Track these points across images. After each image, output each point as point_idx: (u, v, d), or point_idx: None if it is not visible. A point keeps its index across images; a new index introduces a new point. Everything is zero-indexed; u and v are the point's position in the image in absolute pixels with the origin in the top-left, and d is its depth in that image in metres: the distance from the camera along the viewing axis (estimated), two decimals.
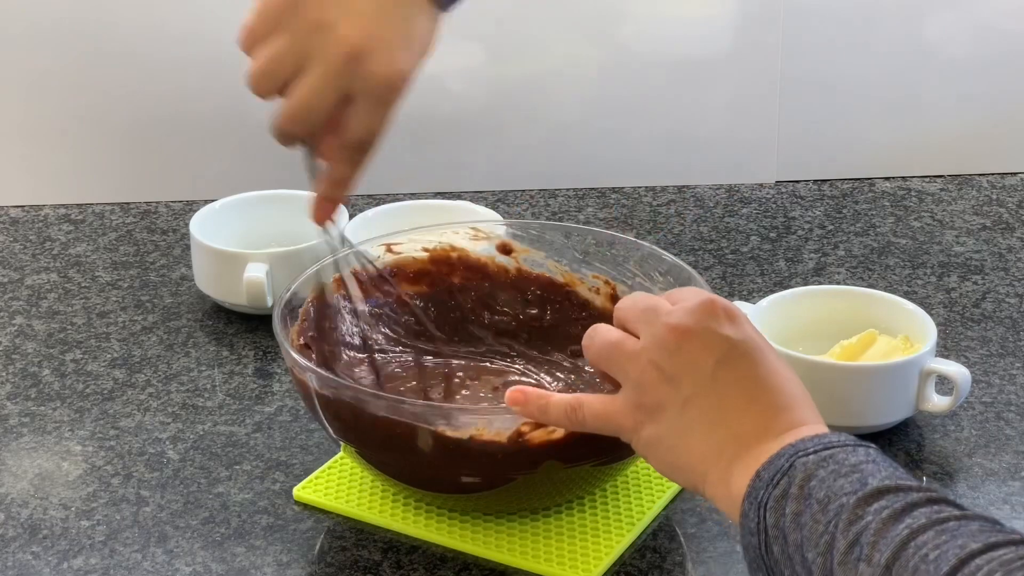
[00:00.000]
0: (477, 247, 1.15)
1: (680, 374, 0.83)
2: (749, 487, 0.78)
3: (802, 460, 0.77)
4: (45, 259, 1.40)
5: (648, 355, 0.84)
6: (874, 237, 1.43)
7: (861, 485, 0.74)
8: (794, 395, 0.82)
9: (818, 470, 0.76)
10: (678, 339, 0.83)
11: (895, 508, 0.71)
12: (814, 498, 0.74)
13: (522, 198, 1.52)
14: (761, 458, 0.79)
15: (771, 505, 0.76)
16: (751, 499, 0.78)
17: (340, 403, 0.97)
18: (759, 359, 0.83)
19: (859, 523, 0.71)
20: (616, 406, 0.86)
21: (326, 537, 1.02)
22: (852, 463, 0.76)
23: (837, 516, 0.73)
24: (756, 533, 0.77)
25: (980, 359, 1.22)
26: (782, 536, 0.75)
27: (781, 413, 0.81)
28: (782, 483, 0.76)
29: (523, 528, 1.01)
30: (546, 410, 0.89)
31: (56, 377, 1.21)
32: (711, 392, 0.82)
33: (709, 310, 0.84)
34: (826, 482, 0.75)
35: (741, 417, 0.81)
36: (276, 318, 1.02)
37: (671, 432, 0.83)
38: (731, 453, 0.81)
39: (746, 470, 0.79)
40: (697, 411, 0.82)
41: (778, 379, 0.83)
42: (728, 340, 0.83)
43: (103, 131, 1.53)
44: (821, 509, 0.74)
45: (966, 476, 1.08)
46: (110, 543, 1.01)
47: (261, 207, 1.36)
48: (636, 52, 1.54)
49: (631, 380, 0.85)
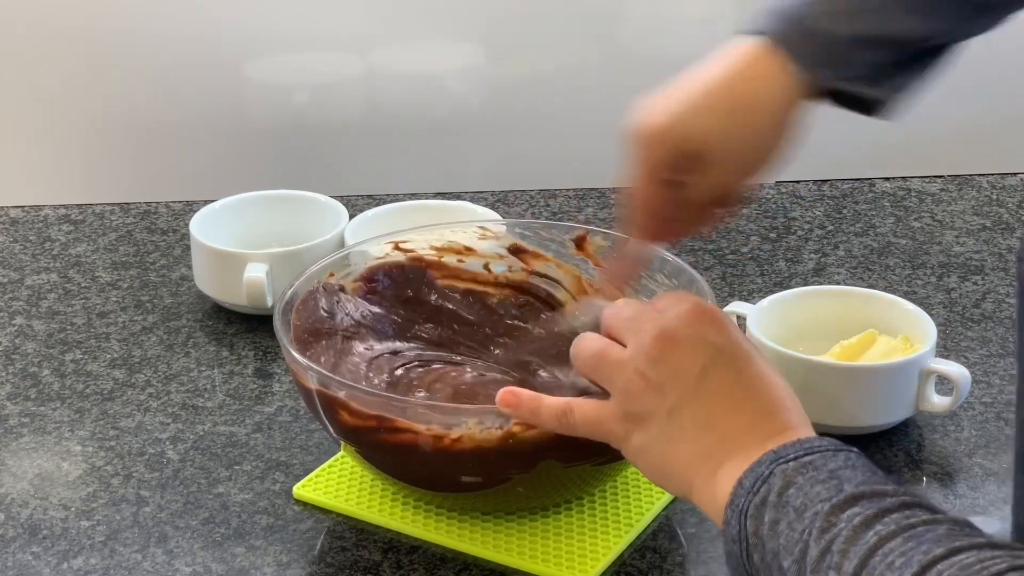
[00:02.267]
0: (484, 246, 1.16)
1: (666, 382, 0.82)
2: (731, 494, 0.78)
3: (782, 467, 0.76)
4: (45, 259, 1.40)
5: (634, 364, 0.84)
6: (874, 237, 1.43)
7: (836, 492, 0.73)
8: (780, 399, 0.82)
9: (797, 477, 0.75)
10: (663, 347, 0.83)
11: (867, 515, 0.71)
12: (791, 506, 0.74)
13: (522, 198, 1.51)
14: (744, 465, 0.78)
15: (751, 513, 0.76)
16: (733, 507, 0.77)
17: (340, 402, 0.97)
18: (745, 365, 0.83)
19: (832, 531, 0.71)
20: (606, 413, 0.85)
21: (326, 537, 1.02)
22: (830, 468, 0.75)
23: (811, 524, 0.72)
24: (738, 541, 0.77)
25: (980, 359, 1.22)
26: (761, 544, 0.75)
27: (766, 419, 0.81)
28: (762, 490, 0.76)
29: (523, 528, 1.01)
30: (537, 413, 0.89)
31: (56, 377, 1.21)
32: (697, 400, 0.82)
33: (694, 316, 0.84)
34: (803, 489, 0.75)
35: (727, 424, 0.81)
36: (277, 317, 1.02)
37: (658, 440, 0.83)
38: (717, 460, 0.80)
39: (729, 477, 0.79)
40: (683, 419, 0.82)
41: (764, 384, 0.82)
42: (713, 346, 0.83)
43: (103, 131, 1.54)
44: (797, 517, 0.74)
45: (966, 476, 1.08)
46: (110, 543, 1.01)
47: (261, 207, 1.36)
48: (636, 52, 1.54)
49: (618, 389, 0.85)
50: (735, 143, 0.87)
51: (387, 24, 1.53)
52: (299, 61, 1.54)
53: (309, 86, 1.55)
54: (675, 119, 0.88)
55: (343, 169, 1.56)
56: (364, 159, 1.56)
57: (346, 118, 1.56)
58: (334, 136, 1.56)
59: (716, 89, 0.87)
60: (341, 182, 1.50)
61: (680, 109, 0.88)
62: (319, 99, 1.55)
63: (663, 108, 0.88)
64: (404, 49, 1.55)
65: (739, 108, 0.86)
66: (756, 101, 0.86)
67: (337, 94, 1.55)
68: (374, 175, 1.55)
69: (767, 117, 0.87)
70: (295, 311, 1.06)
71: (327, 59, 1.55)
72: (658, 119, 0.88)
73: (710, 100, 0.87)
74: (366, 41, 1.54)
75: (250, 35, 1.52)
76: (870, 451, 1.09)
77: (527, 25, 1.54)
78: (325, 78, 1.55)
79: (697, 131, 0.87)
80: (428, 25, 1.54)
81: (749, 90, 0.86)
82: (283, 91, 1.55)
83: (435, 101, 1.56)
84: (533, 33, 1.54)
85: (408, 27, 1.54)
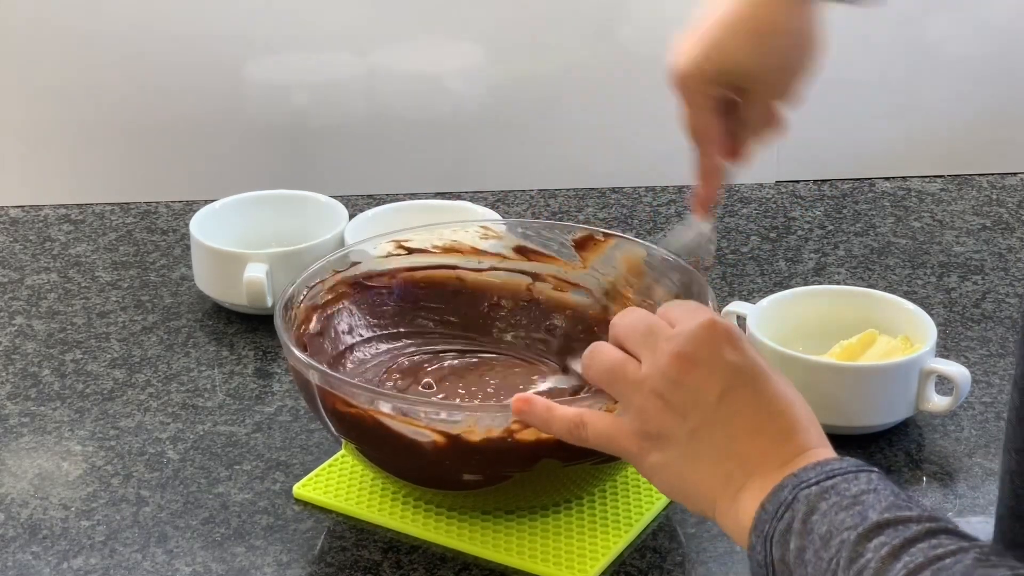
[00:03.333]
0: (486, 245, 1.16)
1: (685, 405, 0.82)
2: (755, 519, 0.78)
3: (804, 492, 0.76)
4: (45, 259, 1.40)
5: (651, 384, 0.83)
6: (874, 237, 1.43)
7: (862, 519, 0.73)
8: (799, 419, 0.82)
9: (820, 503, 0.75)
10: (681, 369, 0.82)
11: (894, 545, 0.71)
12: (816, 533, 0.74)
13: (522, 198, 1.52)
14: (766, 488, 0.78)
15: (776, 539, 0.76)
16: (757, 532, 0.77)
17: (341, 399, 0.97)
18: (763, 385, 0.82)
19: (859, 561, 0.71)
20: (620, 429, 0.85)
21: (326, 537, 1.02)
22: (853, 493, 0.75)
23: (838, 553, 0.72)
24: (764, 566, 0.77)
25: (980, 359, 1.22)
26: (788, 571, 0.75)
27: (787, 440, 0.81)
28: (786, 516, 0.76)
29: (523, 528, 1.01)
30: (549, 424, 0.88)
31: (56, 377, 1.21)
32: (717, 422, 0.81)
33: (710, 336, 0.83)
34: (827, 516, 0.74)
35: (748, 446, 0.81)
36: (277, 315, 1.02)
37: (677, 461, 0.82)
38: (738, 483, 0.80)
39: (752, 501, 0.79)
40: (703, 442, 0.81)
41: (783, 404, 0.82)
42: (732, 367, 0.82)
43: (103, 131, 1.54)
44: (823, 545, 0.73)
45: (966, 476, 1.08)
46: (110, 543, 1.01)
47: (261, 207, 1.36)
48: (636, 52, 1.54)
49: (634, 407, 0.84)
50: (766, 66, 0.96)
51: (387, 24, 1.53)
52: (299, 61, 1.54)
53: (309, 86, 1.55)
54: (707, 56, 0.95)
55: (343, 169, 1.56)
56: (364, 159, 1.56)
57: (346, 118, 1.56)
58: (334, 136, 1.56)
59: (739, 20, 0.94)
60: (341, 182, 1.50)
61: (711, 45, 0.95)
62: (319, 99, 1.55)
63: (695, 46, 0.96)
64: (404, 49, 1.55)
65: (764, 33, 0.94)
66: (775, 24, 0.94)
67: (337, 94, 1.55)
68: (374, 175, 1.55)
69: (790, 37, 0.95)
70: (295, 310, 1.06)
71: (327, 59, 1.55)
72: (693, 58, 0.95)
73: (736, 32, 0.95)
74: (366, 41, 1.54)
75: (250, 35, 1.52)
76: (870, 451, 1.09)
77: (527, 25, 1.54)
78: (325, 78, 1.55)
79: (729, 63, 0.95)
80: (428, 25, 1.54)
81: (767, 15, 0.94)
82: (283, 91, 1.54)
83: (435, 101, 1.56)
84: (533, 33, 1.54)
85: (408, 27, 1.54)
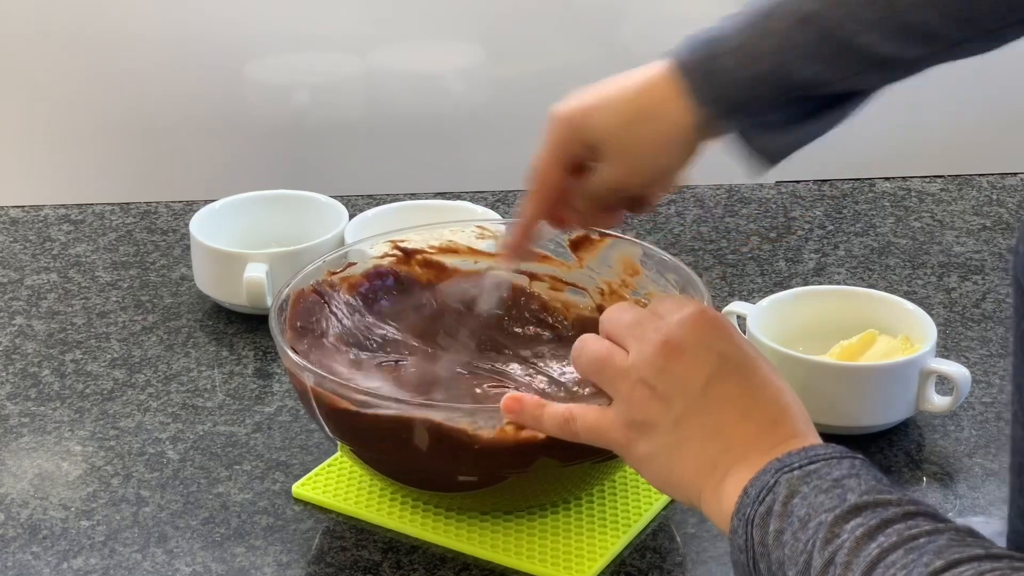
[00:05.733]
0: (482, 245, 1.16)
1: (671, 392, 0.82)
2: (737, 504, 0.78)
3: (786, 476, 0.76)
4: (45, 259, 1.40)
5: (638, 372, 0.83)
6: (874, 237, 1.43)
7: (840, 501, 0.73)
8: (786, 406, 0.82)
9: (801, 486, 0.76)
10: (667, 356, 0.83)
11: (870, 526, 0.71)
12: (795, 516, 0.74)
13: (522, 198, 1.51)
14: (750, 474, 0.78)
15: (757, 522, 0.76)
16: (739, 516, 0.77)
17: (335, 401, 0.96)
18: (750, 372, 0.83)
19: (835, 542, 0.71)
20: (608, 421, 0.85)
21: (326, 537, 1.02)
22: (835, 477, 0.75)
23: (815, 534, 0.73)
24: (744, 550, 0.77)
25: (980, 359, 1.22)
26: (767, 553, 0.75)
27: (772, 427, 0.81)
28: (767, 500, 0.76)
29: (521, 528, 1.01)
30: (540, 420, 0.89)
31: (56, 377, 1.21)
32: (703, 409, 0.82)
33: (697, 323, 0.83)
34: (808, 499, 0.75)
35: (733, 433, 0.81)
36: (273, 316, 1.02)
37: (664, 449, 0.83)
38: (723, 469, 0.80)
39: (735, 486, 0.79)
40: (689, 429, 0.82)
41: (769, 391, 0.82)
42: (718, 354, 0.82)
43: (103, 131, 1.54)
44: (801, 527, 0.74)
45: (966, 476, 1.08)
46: (110, 543, 1.01)
47: (261, 207, 1.36)
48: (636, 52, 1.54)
49: (621, 396, 0.84)
50: (628, 147, 0.95)
51: (387, 24, 1.53)
52: (299, 61, 1.54)
53: (309, 86, 1.55)
54: (583, 110, 0.96)
55: (343, 169, 1.56)
56: (364, 159, 1.56)
57: (346, 118, 1.56)
58: (334, 136, 1.56)
59: (625, 96, 0.94)
60: (341, 182, 1.50)
61: (590, 104, 0.96)
62: (319, 99, 1.55)
63: (578, 100, 0.97)
64: (404, 49, 1.55)
65: (639, 119, 0.94)
66: (655, 118, 0.93)
67: (337, 94, 1.55)
68: (374, 175, 1.55)
69: (662, 135, 0.93)
70: (291, 310, 1.06)
71: (327, 59, 1.55)
72: (569, 107, 0.97)
73: (617, 103, 0.95)
74: (366, 41, 1.54)
75: (250, 35, 1.52)
76: (870, 451, 1.09)
77: (527, 25, 1.54)
78: (325, 78, 1.55)
79: (597, 125, 0.95)
80: (428, 25, 1.54)
81: (650, 106, 0.93)
82: (283, 91, 1.55)
83: (435, 101, 1.56)
84: (533, 33, 1.54)
85: (408, 27, 1.54)
